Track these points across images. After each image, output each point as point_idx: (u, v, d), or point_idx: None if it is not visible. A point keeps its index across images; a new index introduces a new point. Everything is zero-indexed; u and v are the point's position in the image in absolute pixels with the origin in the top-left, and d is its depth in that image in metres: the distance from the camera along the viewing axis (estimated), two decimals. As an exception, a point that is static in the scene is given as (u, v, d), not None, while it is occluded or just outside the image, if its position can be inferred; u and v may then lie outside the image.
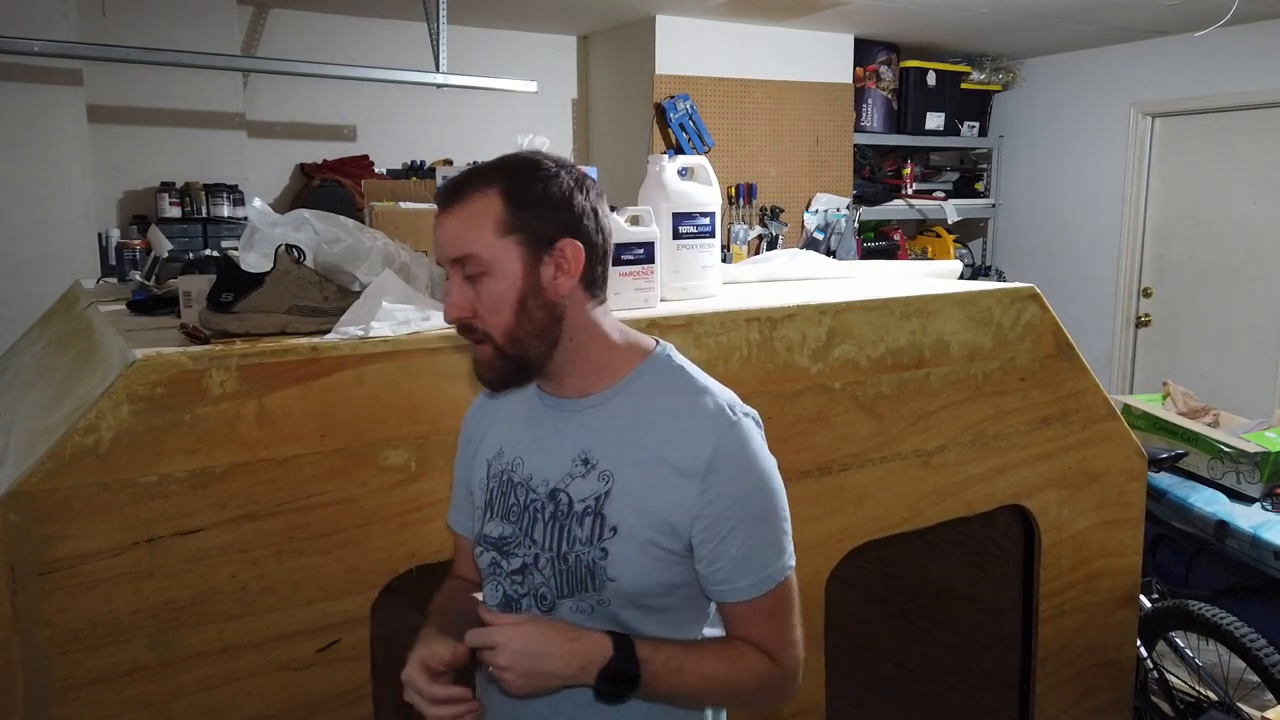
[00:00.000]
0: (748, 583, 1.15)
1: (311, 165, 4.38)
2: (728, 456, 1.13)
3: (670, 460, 1.13)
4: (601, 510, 1.14)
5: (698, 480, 1.12)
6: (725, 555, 1.14)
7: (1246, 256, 4.82)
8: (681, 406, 1.16)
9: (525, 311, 1.12)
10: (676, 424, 1.15)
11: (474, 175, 1.13)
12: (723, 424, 1.15)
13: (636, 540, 1.13)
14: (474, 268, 1.11)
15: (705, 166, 2.01)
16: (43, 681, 1.26)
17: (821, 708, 1.93)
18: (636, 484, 1.14)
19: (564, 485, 1.17)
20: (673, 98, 4.55)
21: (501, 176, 1.12)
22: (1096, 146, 5.34)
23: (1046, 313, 2.10)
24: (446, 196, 1.13)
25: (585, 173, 1.18)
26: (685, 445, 1.13)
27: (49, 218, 3.45)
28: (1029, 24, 4.66)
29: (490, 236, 1.10)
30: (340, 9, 4.33)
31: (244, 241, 1.71)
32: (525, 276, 1.11)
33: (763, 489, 1.16)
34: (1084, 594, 2.26)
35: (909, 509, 1.97)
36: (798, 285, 2.28)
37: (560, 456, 1.18)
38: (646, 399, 1.17)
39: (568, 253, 1.12)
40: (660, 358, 1.21)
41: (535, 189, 1.11)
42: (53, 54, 3.23)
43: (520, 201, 1.11)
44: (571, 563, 1.15)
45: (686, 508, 1.12)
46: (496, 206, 1.10)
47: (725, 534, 1.13)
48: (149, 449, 1.29)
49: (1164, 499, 2.89)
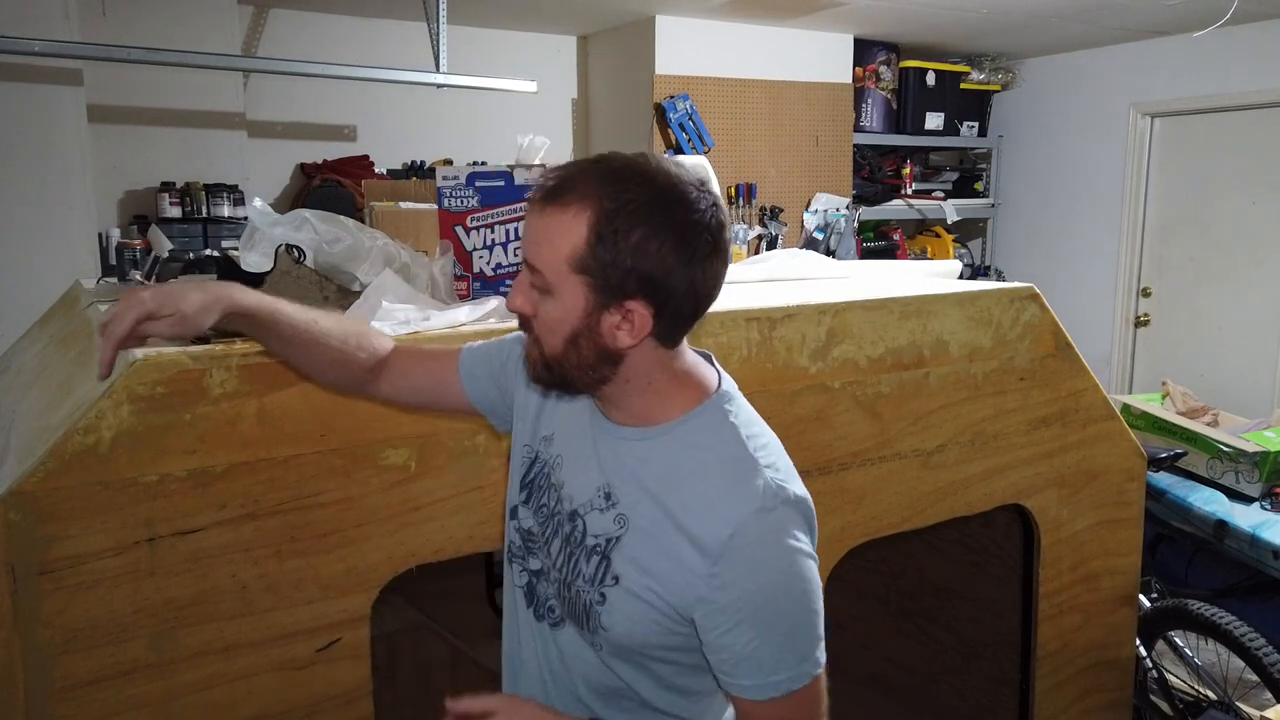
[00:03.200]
0: (751, 683, 1.03)
1: (312, 165, 4.38)
2: (747, 544, 1.01)
3: (687, 529, 1.03)
4: (609, 554, 1.08)
5: (710, 561, 1.01)
6: (729, 649, 1.03)
7: (1246, 256, 4.82)
8: (715, 474, 1.05)
9: (576, 347, 1.04)
10: (705, 491, 1.04)
11: (579, 178, 1.01)
12: (752, 507, 1.02)
13: (635, 598, 1.06)
14: (539, 281, 1.03)
15: (705, 166, 2.01)
16: (43, 681, 1.26)
17: (821, 707, 1.93)
18: (648, 541, 1.06)
19: (584, 512, 1.11)
20: (672, 98, 4.55)
21: (603, 198, 0.99)
22: (1096, 146, 5.34)
23: (1046, 312, 2.11)
24: (544, 194, 1.02)
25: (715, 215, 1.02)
26: (706, 519, 1.03)
27: (49, 217, 3.45)
28: (1028, 24, 4.66)
29: (562, 264, 1.00)
30: (340, 9, 4.33)
31: (244, 241, 1.71)
32: (585, 317, 1.02)
33: (782, 590, 1.03)
34: (1083, 593, 2.26)
35: (908, 509, 1.98)
36: (797, 285, 2.28)
37: (589, 479, 1.12)
38: (686, 452, 1.07)
39: (634, 316, 1.01)
40: (712, 407, 1.10)
41: (627, 235, 0.98)
42: (53, 54, 3.23)
43: (605, 242, 0.98)
44: (573, 595, 1.11)
45: (692, 585, 1.02)
46: (580, 235, 0.99)
47: (731, 627, 1.02)
48: (149, 448, 1.29)
49: (1163, 498, 2.89)
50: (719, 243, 1.03)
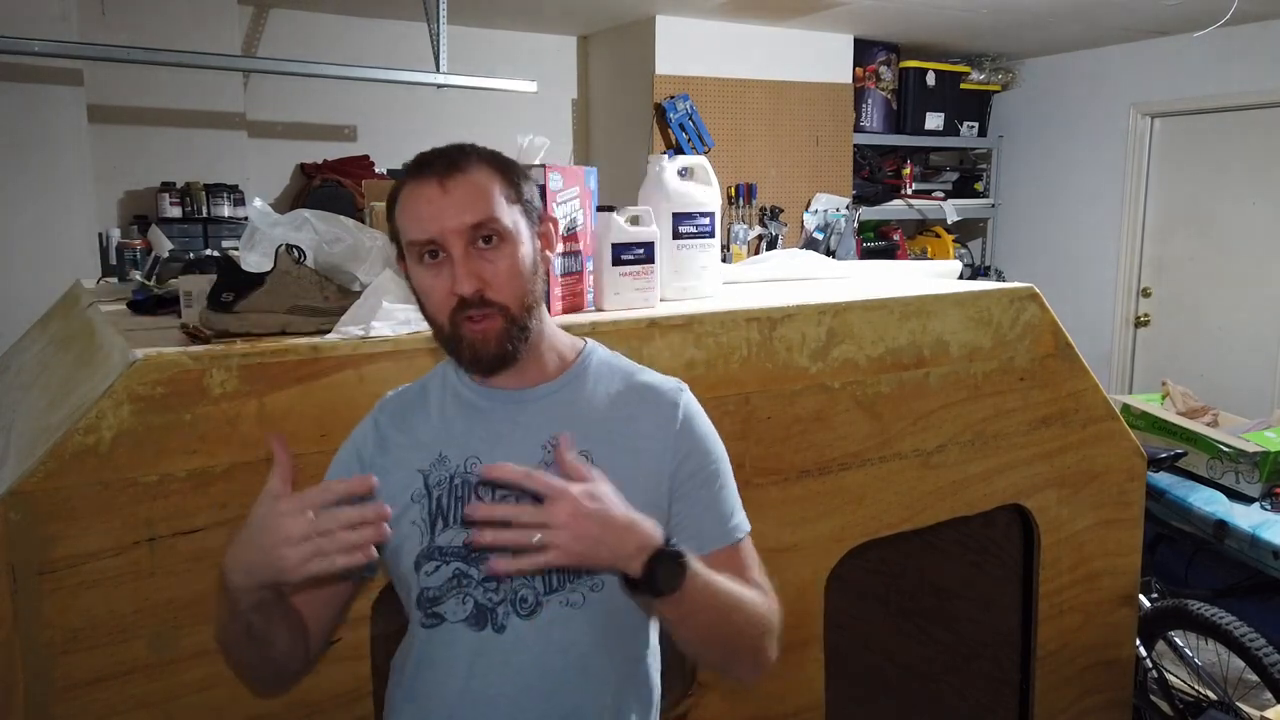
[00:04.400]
0: (728, 528, 1.20)
1: (312, 165, 4.38)
2: (689, 418, 1.21)
3: (642, 431, 1.18)
4: None
5: (671, 441, 1.18)
6: (694, 512, 1.18)
7: (1246, 256, 4.82)
8: (633, 383, 1.23)
9: (536, 279, 1.16)
10: (635, 397, 1.21)
11: (458, 151, 1.16)
12: (677, 393, 1.23)
13: None
14: (493, 232, 1.11)
15: (705, 166, 2.01)
16: (43, 681, 1.26)
17: (821, 708, 1.93)
18: (614, 459, 1.15)
19: None
20: (672, 98, 4.55)
21: (481, 153, 1.17)
22: (1096, 146, 5.34)
23: (1046, 313, 2.11)
24: (446, 168, 1.13)
25: None
26: (651, 412, 1.20)
27: (49, 217, 3.45)
28: (1028, 24, 4.66)
29: (502, 203, 1.13)
30: (340, 9, 4.34)
31: (244, 241, 1.71)
32: (532, 243, 1.16)
33: (718, 446, 1.24)
34: (1083, 593, 2.26)
35: (909, 509, 1.98)
36: (797, 285, 2.28)
37: (526, 448, 1.16)
38: (599, 381, 1.22)
39: (549, 227, 1.21)
40: (596, 349, 1.26)
41: (514, 166, 1.18)
42: (53, 54, 3.23)
43: (510, 175, 1.16)
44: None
45: (664, 467, 1.17)
46: (497, 177, 1.15)
47: (703, 482, 1.19)
48: (149, 448, 1.29)
49: (1163, 498, 2.89)
50: None
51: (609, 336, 1.59)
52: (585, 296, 1.76)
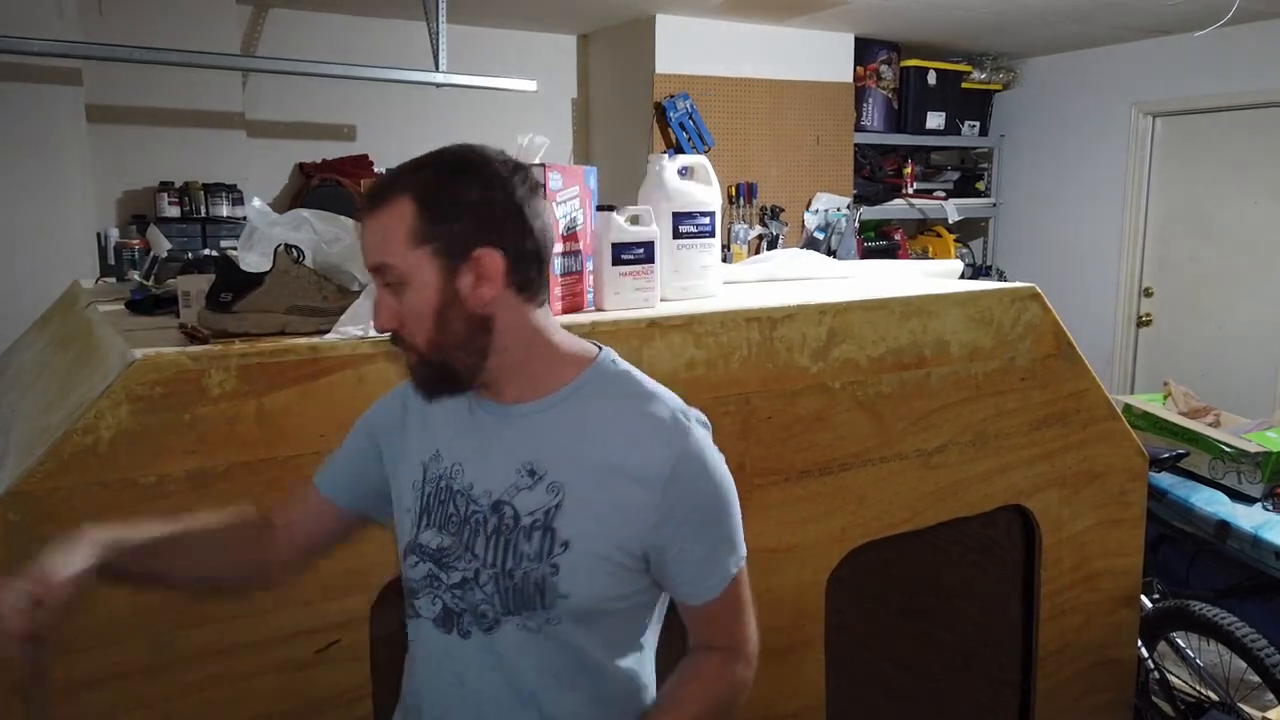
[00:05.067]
0: (711, 582, 1.15)
1: (311, 165, 4.38)
2: (686, 464, 1.11)
3: (626, 470, 1.10)
4: (552, 525, 1.10)
5: (657, 489, 1.09)
6: (691, 558, 1.13)
7: (1247, 256, 4.82)
8: (632, 413, 1.13)
9: (445, 323, 1.08)
10: (630, 431, 1.12)
11: (393, 180, 1.09)
12: (678, 431, 1.12)
13: (591, 554, 1.10)
14: (392, 278, 1.07)
15: (705, 166, 2.01)
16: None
17: (821, 708, 1.93)
18: (590, 495, 1.10)
19: (508, 498, 1.12)
20: (672, 97, 4.55)
21: (417, 182, 1.07)
22: (1097, 146, 5.34)
23: (1047, 312, 2.10)
24: (366, 201, 1.09)
25: (518, 167, 1.12)
26: (642, 454, 1.10)
27: (48, 217, 3.45)
28: (1029, 23, 4.66)
29: (403, 247, 1.06)
30: (340, 9, 4.33)
31: (243, 241, 1.71)
32: (442, 288, 1.07)
33: (719, 493, 1.14)
34: (1084, 594, 2.26)
35: (909, 509, 1.97)
36: (798, 285, 2.28)
37: (503, 466, 1.13)
38: (594, 406, 1.14)
39: (485, 263, 1.07)
40: (605, 363, 1.17)
41: (448, 195, 1.07)
42: (52, 54, 3.23)
43: (433, 210, 1.06)
44: (518, 580, 1.11)
45: (645, 517, 1.10)
46: (409, 215, 1.06)
47: (688, 539, 1.12)
48: (148, 449, 1.29)
49: (1165, 499, 2.89)
50: (531, 181, 1.11)
51: (609, 336, 1.58)
52: (585, 296, 1.76)
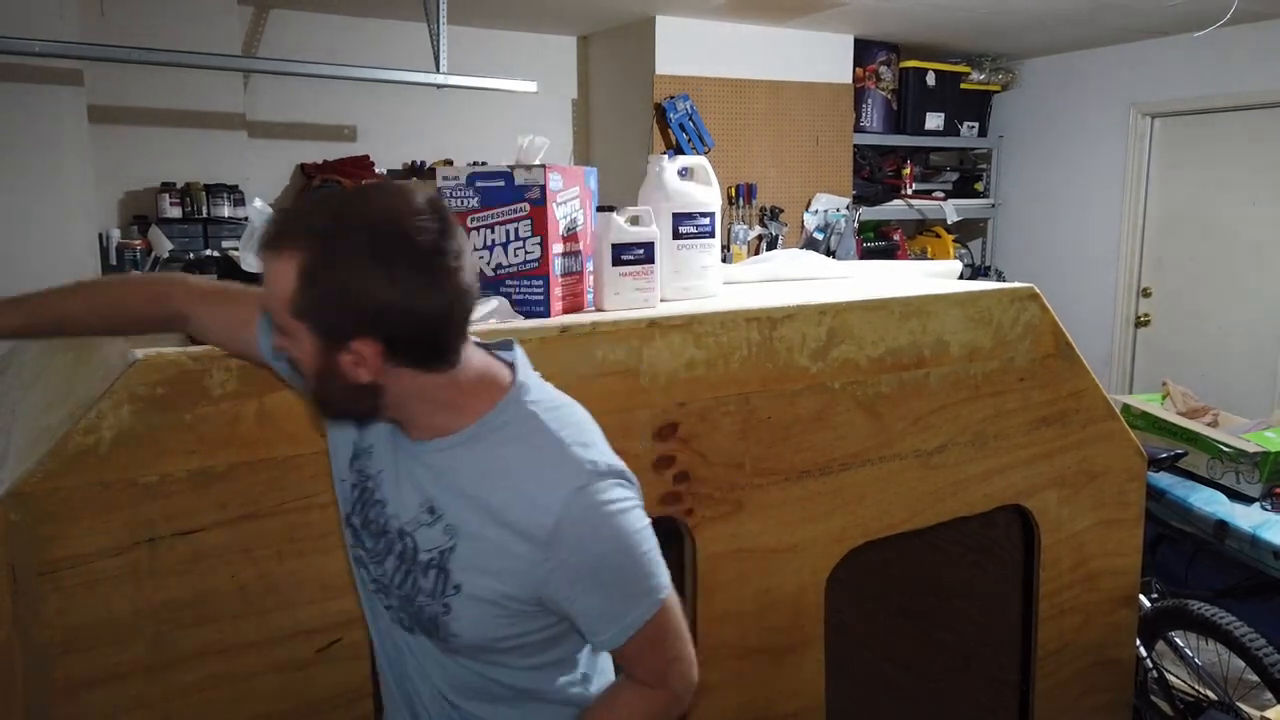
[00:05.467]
0: (611, 633, 1.12)
1: (312, 165, 4.38)
2: (573, 525, 1.06)
3: (512, 524, 1.07)
4: (445, 566, 1.10)
5: (542, 548, 1.06)
6: (584, 614, 1.11)
7: (1246, 256, 4.82)
8: (528, 464, 1.09)
9: (326, 384, 1.05)
10: (522, 485, 1.08)
11: (288, 228, 1.02)
12: (570, 489, 1.07)
13: (480, 600, 1.10)
14: (277, 323, 1.05)
15: (705, 167, 2.01)
16: (43, 681, 1.26)
17: (821, 708, 1.93)
18: (480, 543, 1.09)
19: (411, 530, 1.13)
20: (673, 98, 4.55)
21: (308, 245, 1.00)
22: (1096, 147, 5.34)
23: (1046, 313, 2.11)
24: (264, 240, 1.04)
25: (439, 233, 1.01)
26: (528, 510, 1.07)
27: (49, 218, 3.45)
28: (1029, 24, 4.66)
29: (284, 310, 1.02)
30: (340, 9, 4.33)
31: (244, 242, 1.71)
32: (320, 359, 1.03)
33: (614, 553, 1.09)
34: (1084, 594, 2.26)
35: (909, 509, 1.97)
36: (798, 285, 2.28)
37: (410, 499, 1.14)
38: (494, 450, 1.10)
39: (364, 353, 1.02)
40: (511, 403, 1.11)
41: (331, 276, 0.99)
42: (53, 54, 3.23)
43: (313, 287, 0.99)
44: (417, 608, 1.14)
45: (531, 573, 1.07)
46: (291, 281, 1.00)
47: (578, 596, 1.09)
48: (149, 449, 1.29)
49: (1164, 499, 2.89)
50: (434, 266, 1.01)
51: (609, 336, 1.59)
52: (585, 296, 1.76)
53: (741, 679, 1.81)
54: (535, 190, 1.60)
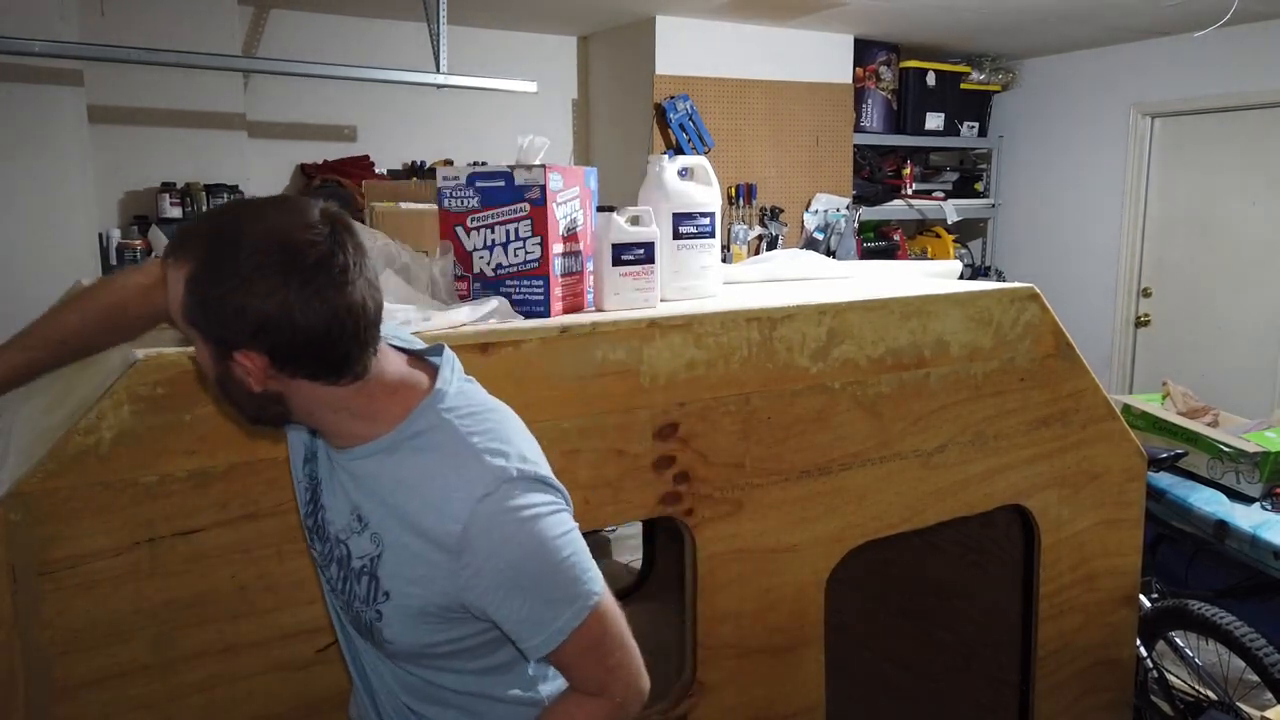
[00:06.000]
0: (538, 640, 1.11)
1: (312, 165, 4.38)
2: (481, 533, 1.06)
3: (425, 533, 1.08)
4: (375, 573, 1.12)
5: (454, 556, 1.06)
6: (508, 620, 1.10)
7: (1246, 257, 4.82)
8: (439, 473, 1.09)
9: (226, 390, 1.07)
10: (432, 494, 1.08)
11: (182, 239, 1.04)
12: (475, 496, 1.06)
13: (407, 608, 1.11)
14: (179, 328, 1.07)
15: (705, 167, 2.01)
16: (43, 682, 1.26)
17: (821, 708, 1.93)
18: (402, 552, 1.10)
19: (344, 537, 1.15)
20: (673, 98, 4.55)
21: (194, 256, 1.01)
22: (1096, 147, 5.34)
23: (1046, 313, 2.11)
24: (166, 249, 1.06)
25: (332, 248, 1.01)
26: (438, 520, 1.07)
27: (49, 218, 3.45)
28: (1028, 24, 4.66)
29: (180, 314, 1.04)
30: (340, 9, 4.34)
31: (244, 242, 1.71)
32: (216, 364, 1.05)
33: (528, 558, 1.08)
34: (1084, 594, 2.26)
35: (909, 509, 1.97)
36: (798, 285, 2.28)
37: (341, 506, 1.16)
38: (408, 459, 1.10)
39: (249, 365, 1.02)
40: (425, 410, 1.11)
41: (214, 290, 1.00)
42: (53, 54, 3.23)
43: (196, 299, 1.01)
44: (356, 614, 1.16)
45: (450, 580, 1.08)
46: (180, 291, 1.02)
47: (499, 602, 1.08)
48: (150, 449, 1.29)
49: (1164, 499, 2.89)
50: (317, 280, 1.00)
51: (609, 336, 1.59)
52: (585, 296, 1.76)
53: (741, 679, 1.81)
54: (535, 190, 1.60)
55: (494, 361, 1.48)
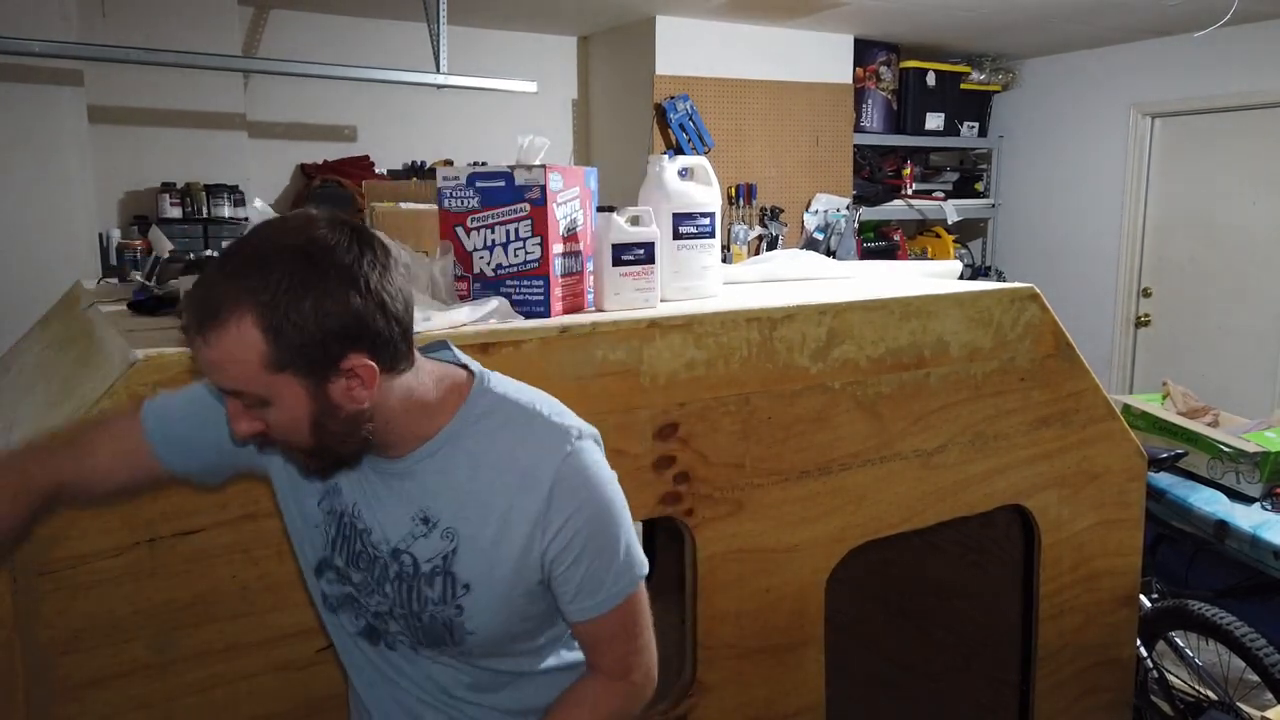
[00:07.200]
0: (592, 602, 1.14)
1: (312, 165, 4.38)
2: (565, 490, 1.10)
3: (511, 503, 1.10)
4: (450, 569, 1.11)
5: (540, 518, 1.09)
6: (572, 580, 1.13)
7: (1246, 257, 4.82)
8: (509, 444, 1.11)
9: (323, 429, 1.02)
10: (510, 463, 1.10)
11: (217, 292, 0.95)
12: (558, 456, 1.10)
13: (492, 592, 1.12)
14: (250, 401, 1.00)
15: (705, 167, 2.01)
16: (44, 682, 1.26)
17: (821, 707, 1.93)
18: (481, 535, 1.10)
19: (406, 546, 1.13)
20: (673, 98, 4.55)
21: (255, 303, 0.94)
22: (1096, 147, 5.34)
23: (1046, 313, 2.11)
24: (195, 325, 0.96)
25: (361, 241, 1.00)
26: (522, 485, 1.09)
27: (50, 218, 3.45)
28: (1029, 24, 4.66)
29: (260, 374, 0.96)
30: (340, 9, 4.34)
31: (244, 242, 1.71)
32: (314, 402, 1.00)
33: (602, 513, 1.13)
34: (1084, 594, 2.26)
35: (909, 509, 1.98)
36: (798, 285, 2.28)
37: (399, 516, 1.13)
38: (476, 440, 1.11)
39: (358, 370, 1.00)
40: (478, 392, 1.14)
41: (297, 315, 0.95)
42: (53, 54, 3.23)
43: (283, 331, 0.94)
44: (426, 621, 1.14)
45: (532, 548, 1.10)
46: (256, 342, 0.94)
47: (571, 561, 1.11)
48: (150, 449, 1.29)
49: (1164, 499, 2.89)
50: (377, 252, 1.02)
51: (609, 336, 1.59)
52: (585, 297, 1.76)
53: (741, 679, 1.81)
54: (535, 190, 1.60)
55: (494, 362, 1.47)
